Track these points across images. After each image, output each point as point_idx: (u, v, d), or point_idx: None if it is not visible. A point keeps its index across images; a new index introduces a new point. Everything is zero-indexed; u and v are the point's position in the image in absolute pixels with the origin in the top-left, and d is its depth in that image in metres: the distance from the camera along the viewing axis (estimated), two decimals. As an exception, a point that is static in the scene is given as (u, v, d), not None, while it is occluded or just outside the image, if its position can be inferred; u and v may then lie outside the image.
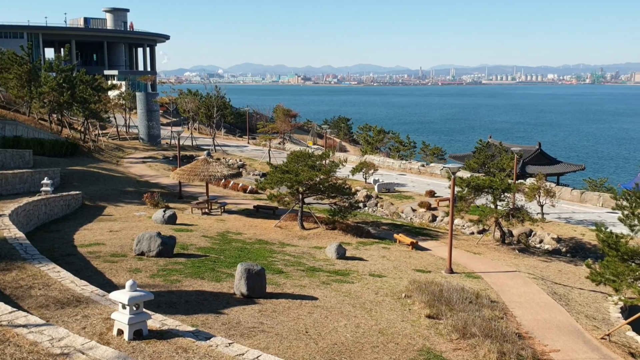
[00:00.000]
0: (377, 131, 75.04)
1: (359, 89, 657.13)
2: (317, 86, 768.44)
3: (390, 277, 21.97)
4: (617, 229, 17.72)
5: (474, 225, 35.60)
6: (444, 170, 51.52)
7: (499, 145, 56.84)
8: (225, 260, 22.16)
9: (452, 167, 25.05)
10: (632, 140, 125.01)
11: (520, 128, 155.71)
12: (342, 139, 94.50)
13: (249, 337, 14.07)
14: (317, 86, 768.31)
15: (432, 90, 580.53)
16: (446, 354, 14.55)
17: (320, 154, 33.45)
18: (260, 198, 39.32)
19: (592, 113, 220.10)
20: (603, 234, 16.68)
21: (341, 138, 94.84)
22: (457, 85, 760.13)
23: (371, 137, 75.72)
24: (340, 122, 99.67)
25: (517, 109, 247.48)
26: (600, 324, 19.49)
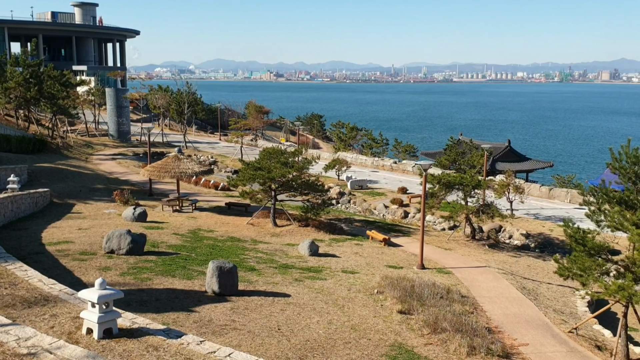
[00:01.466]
0: (350, 128, 75.21)
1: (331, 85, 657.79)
2: (290, 83, 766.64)
3: (362, 274, 22.07)
4: (584, 225, 18.06)
5: (445, 221, 35.97)
6: (416, 167, 51.93)
7: (469, 142, 57.53)
8: (196, 258, 21.99)
9: (423, 164, 25.26)
10: (600, 137, 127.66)
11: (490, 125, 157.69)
12: (315, 135, 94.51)
13: (220, 334, 13.99)
14: (289, 83, 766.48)
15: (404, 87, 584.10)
16: (417, 349, 14.67)
17: (293, 150, 33.38)
18: (232, 195, 39.10)
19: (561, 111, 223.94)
20: (570, 229, 16.96)
21: (314, 135, 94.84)
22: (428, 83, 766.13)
23: (344, 134, 75.86)
24: (313, 119, 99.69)
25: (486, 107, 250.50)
26: (568, 318, 19.88)
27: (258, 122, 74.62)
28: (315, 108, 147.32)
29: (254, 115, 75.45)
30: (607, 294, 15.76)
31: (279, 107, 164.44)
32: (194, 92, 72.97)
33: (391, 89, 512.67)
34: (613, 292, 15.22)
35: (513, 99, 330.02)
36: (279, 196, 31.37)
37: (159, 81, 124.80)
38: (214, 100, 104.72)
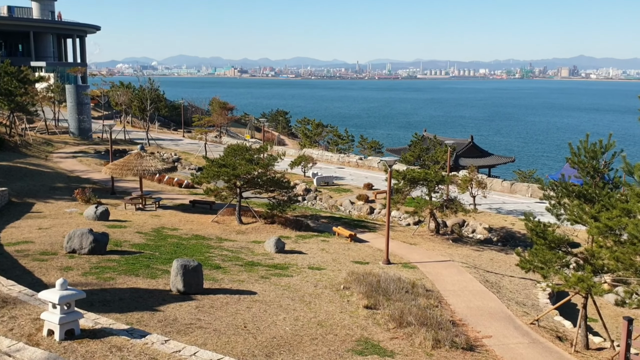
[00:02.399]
0: (315, 125, 75.28)
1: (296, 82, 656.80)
2: (255, 79, 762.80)
3: (329, 270, 22.12)
4: (544, 218, 18.45)
5: (410, 216, 36.32)
6: (381, 164, 52.26)
7: (433, 138, 58.17)
8: (160, 256, 21.72)
9: (388, 161, 25.43)
10: (559, 133, 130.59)
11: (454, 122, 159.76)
12: (280, 132, 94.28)
13: (186, 333, 13.85)
14: (254, 79, 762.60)
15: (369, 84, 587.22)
16: (383, 343, 14.79)
17: (258, 147, 33.21)
18: (197, 193, 38.72)
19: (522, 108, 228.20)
20: (531, 223, 17.31)
21: (279, 131, 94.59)
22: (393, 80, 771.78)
23: (310, 130, 75.88)
24: (278, 116, 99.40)
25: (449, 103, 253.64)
26: (530, 310, 20.30)
27: (222, 118, 74.01)
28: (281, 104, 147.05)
29: (218, 111, 74.80)
30: (567, 285, 16.14)
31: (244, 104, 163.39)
32: (157, 89, 71.97)
33: (356, 86, 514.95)
34: (573, 283, 15.60)
35: (476, 95, 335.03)
36: (245, 193, 31.19)
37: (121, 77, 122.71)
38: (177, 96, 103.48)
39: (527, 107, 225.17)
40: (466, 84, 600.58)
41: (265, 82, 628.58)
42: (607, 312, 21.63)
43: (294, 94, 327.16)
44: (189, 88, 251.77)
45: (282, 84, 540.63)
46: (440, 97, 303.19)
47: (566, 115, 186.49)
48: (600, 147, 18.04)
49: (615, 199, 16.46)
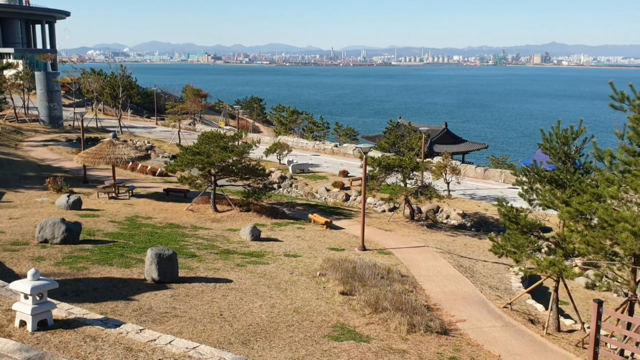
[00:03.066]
0: (290, 112, 75.00)
1: (271, 68, 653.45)
2: (228, 65, 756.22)
3: (305, 257, 22.16)
4: (517, 204, 18.70)
5: (385, 203, 36.51)
6: (357, 151, 52.32)
7: (408, 125, 58.47)
8: (134, 245, 21.51)
9: (363, 147, 25.48)
10: (532, 119, 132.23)
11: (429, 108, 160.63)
12: (255, 119, 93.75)
13: (161, 322, 13.77)
14: (228, 65, 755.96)
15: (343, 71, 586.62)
16: (359, 329, 14.90)
17: (232, 134, 32.98)
18: (171, 181, 38.39)
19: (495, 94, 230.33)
20: (504, 208, 17.54)
21: (254, 119, 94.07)
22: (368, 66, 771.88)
23: (285, 117, 75.60)
24: (253, 103, 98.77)
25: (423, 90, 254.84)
26: (503, 294, 20.62)
27: (196, 105, 73.35)
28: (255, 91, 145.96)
29: (192, 98, 74.08)
30: (539, 269, 16.42)
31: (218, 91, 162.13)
32: (129, 76, 70.98)
33: (331, 72, 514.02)
34: (545, 267, 15.87)
35: (450, 82, 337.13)
36: (219, 181, 31.01)
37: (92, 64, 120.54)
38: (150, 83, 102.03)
39: (500, 94, 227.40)
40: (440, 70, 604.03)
41: (239, 68, 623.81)
42: (578, 295, 22.10)
43: (269, 81, 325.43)
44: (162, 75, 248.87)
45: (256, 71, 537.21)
46: (415, 84, 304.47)
47: (539, 102, 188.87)
48: (571, 133, 18.32)
49: (585, 184, 16.75)
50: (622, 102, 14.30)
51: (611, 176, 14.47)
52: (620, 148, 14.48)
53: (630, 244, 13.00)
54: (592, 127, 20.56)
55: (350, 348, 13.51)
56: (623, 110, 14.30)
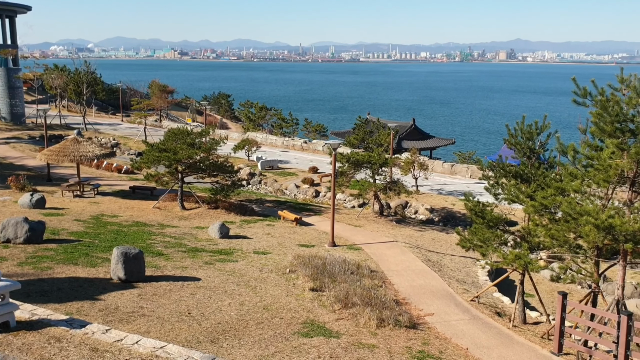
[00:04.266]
0: (259, 108, 74.60)
1: (239, 64, 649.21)
2: (195, 61, 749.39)
3: (274, 254, 22.09)
4: (483, 198, 18.94)
5: (354, 199, 36.66)
6: (326, 147, 52.45)
7: (376, 121, 58.72)
8: (100, 244, 21.15)
9: (333, 144, 25.48)
10: (498, 114, 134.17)
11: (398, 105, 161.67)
12: (223, 115, 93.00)
13: (128, 322, 13.56)
14: (195, 61, 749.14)
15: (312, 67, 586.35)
16: (329, 325, 14.92)
17: (199, 131, 32.65)
18: (137, 178, 37.85)
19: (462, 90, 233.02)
20: (471, 203, 17.74)
21: (222, 115, 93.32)
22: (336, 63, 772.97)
23: (253, 113, 75.18)
24: (220, 99, 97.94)
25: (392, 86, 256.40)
26: (470, 287, 20.89)
27: (162, 102, 72.48)
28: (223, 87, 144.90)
29: (158, 94, 73.15)
30: (505, 263, 16.66)
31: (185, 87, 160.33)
32: (94, 72, 69.69)
33: (299, 68, 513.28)
34: (510, 261, 16.11)
35: (417, 78, 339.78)
36: (187, 178, 30.68)
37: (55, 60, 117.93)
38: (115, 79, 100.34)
39: (467, 90, 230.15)
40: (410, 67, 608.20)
41: (207, 64, 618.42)
42: (543, 288, 22.53)
43: (237, 77, 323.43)
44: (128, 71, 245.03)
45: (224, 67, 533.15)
46: (383, 81, 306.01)
47: (504, 98, 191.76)
48: (535, 128, 18.60)
49: (550, 178, 17.04)
50: (584, 98, 14.57)
51: (574, 170, 14.75)
52: (583, 143, 14.77)
53: (593, 236, 13.28)
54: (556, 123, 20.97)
55: (320, 344, 13.51)
56: (585, 106, 14.57)
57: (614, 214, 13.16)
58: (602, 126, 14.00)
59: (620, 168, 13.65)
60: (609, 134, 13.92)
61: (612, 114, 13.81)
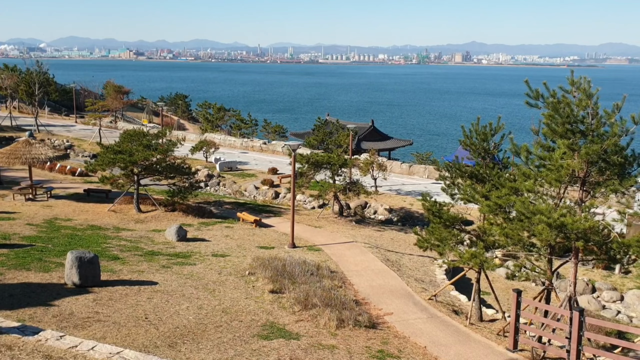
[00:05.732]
0: (217, 109, 73.94)
1: (196, 65, 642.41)
2: (152, 61, 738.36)
3: (233, 256, 21.93)
4: (440, 198, 19.22)
5: (314, 200, 36.70)
6: (285, 148, 52.37)
7: (336, 122, 58.96)
8: (53, 249, 20.60)
9: (292, 145, 25.46)
10: (455, 115, 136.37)
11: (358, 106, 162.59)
12: (180, 116, 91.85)
13: (83, 328, 13.24)
14: (151, 61, 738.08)
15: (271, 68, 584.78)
16: (289, 327, 14.89)
17: (156, 132, 32.16)
18: (92, 181, 37.04)
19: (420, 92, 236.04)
20: (428, 203, 17.99)
21: (179, 116, 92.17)
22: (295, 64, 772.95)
23: (211, 114, 74.47)
24: (177, 99, 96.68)
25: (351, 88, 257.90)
26: (428, 286, 21.18)
27: (117, 102, 71.18)
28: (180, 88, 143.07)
29: (113, 95, 71.81)
30: (461, 261, 16.96)
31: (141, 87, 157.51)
32: (46, 72, 67.86)
33: (259, 69, 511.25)
34: (467, 259, 16.40)
35: (377, 80, 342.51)
36: (143, 180, 30.18)
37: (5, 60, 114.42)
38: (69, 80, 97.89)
39: (425, 92, 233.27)
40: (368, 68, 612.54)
41: (163, 64, 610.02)
42: (498, 286, 23.00)
43: (194, 77, 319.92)
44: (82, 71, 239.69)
45: (181, 67, 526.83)
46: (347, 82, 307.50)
47: (461, 99, 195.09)
48: (490, 129, 18.97)
49: (504, 178, 17.41)
50: (537, 100, 14.94)
51: (527, 171, 15.11)
52: (536, 144, 15.14)
53: (546, 235, 13.63)
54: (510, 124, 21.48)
55: (279, 346, 13.48)
56: (538, 108, 14.95)
57: (566, 213, 13.54)
58: (553, 127, 14.38)
59: (571, 168, 14.05)
60: (560, 135, 14.31)
61: (563, 116, 14.21)
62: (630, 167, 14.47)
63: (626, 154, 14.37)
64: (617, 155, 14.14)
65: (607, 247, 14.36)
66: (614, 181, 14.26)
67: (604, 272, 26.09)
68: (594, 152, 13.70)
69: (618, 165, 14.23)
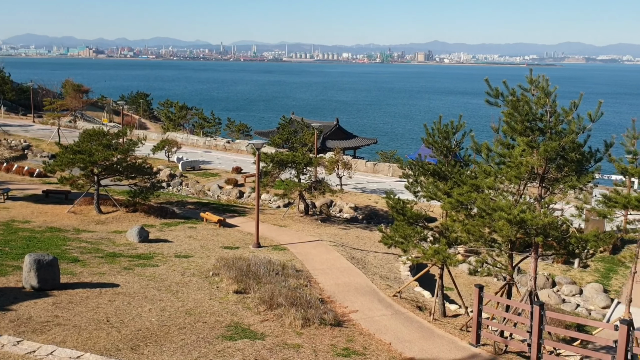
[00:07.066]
0: (179, 107, 73.03)
1: (158, 63, 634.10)
2: (112, 60, 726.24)
3: (197, 257, 21.69)
4: (404, 196, 19.39)
5: (279, 199, 36.60)
6: (250, 147, 52.05)
7: (300, 121, 58.91)
8: (11, 251, 20.05)
9: (256, 143, 25.32)
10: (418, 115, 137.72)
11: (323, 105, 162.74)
12: (141, 115, 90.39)
13: (42, 332, 12.91)
14: (111, 60, 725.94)
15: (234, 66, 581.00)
16: (254, 327, 14.81)
17: (116, 131, 31.59)
18: (50, 182, 36.19)
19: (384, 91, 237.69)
20: (392, 200, 18.11)
21: (140, 115, 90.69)
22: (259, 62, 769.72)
23: (173, 113, 73.51)
24: (139, 98, 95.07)
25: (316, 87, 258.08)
26: (393, 283, 21.33)
27: (77, 102, 69.72)
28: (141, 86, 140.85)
29: (72, 94, 70.28)
30: (425, 258, 17.13)
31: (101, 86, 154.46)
32: (1, 70, 66.05)
33: (220, 67, 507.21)
34: (430, 256, 16.58)
35: (341, 79, 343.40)
36: (103, 181, 29.62)
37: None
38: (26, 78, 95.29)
39: (389, 91, 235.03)
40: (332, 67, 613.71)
41: (124, 63, 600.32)
42: (461, 281, 23.33)
43: (156, 76, 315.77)
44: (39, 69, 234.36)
45: (142, 65, 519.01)
46: (311, 81, 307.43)
47: (424, 98, 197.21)
48: (451, 128, 19.23)
49: (465, 175, 17.67)
50: (497, 98, 15.19)
51: (488, 168, 15.35)
52: (496, 141, 15.40)
53: (507, 231, 13.87)
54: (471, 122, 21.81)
55: (244, 347, 13.38)
56: (498, 106, 15.20)
57: (526, 209, 13.80)
58: (513, 125, 14.63)
59: (530, 165, 14.33)
60: (519, 132, 14.57)
61: (523, 114, 14.46)
62: (587, 164, 14.83)
63: (583, 151, 14.73)
64: (574, 152, 14.47)
65: (566, 242, 14.69)
66: (572, 177, 14.60)
67: (564, 266, 26.72)
68: (553, 149, 13.99)
69: (576, 162, 14.57)
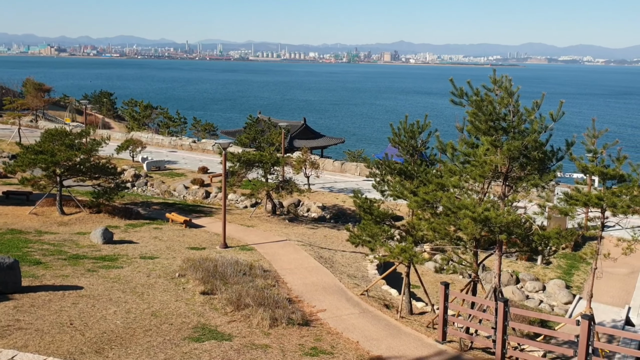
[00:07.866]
0: (143, 106, 72.06)
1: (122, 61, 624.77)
2: (74, 58, 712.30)
3: (163, 258, 21.43)
4: (371, 195, 19.49)
5: (247, 199, 36.42)
6: (216, 146, 51.64)
7: (268, 120, 58.73)
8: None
9: (223, 143, 25.13)
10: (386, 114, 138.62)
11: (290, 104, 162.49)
12: (105, 114, 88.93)
13: (2, 336, 12.60)
14: (74, 58, 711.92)
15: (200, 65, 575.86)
16: (221, 328, 14.70)
17: (79, 131, 30.99)
18: (11, 183, 35.30)
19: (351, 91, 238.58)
20: (359, 200, 18.19)
21: (104, 114, 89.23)
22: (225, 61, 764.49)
23: (137, 112, 72.52)
24: (102, 97, 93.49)
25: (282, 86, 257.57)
26: (360, 282, 21.43)
27: (38, 101, 68.26)
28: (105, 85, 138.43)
29: (33, 93, 68.77)
30: (392, 256, 17.25)
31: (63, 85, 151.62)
32: (-42, 68, 64.14)
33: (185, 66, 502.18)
34: (397, 254, 16.71)
35: (308, 78, 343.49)
36: (66, 182, 29.02)
37: None
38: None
39: (355, 90, 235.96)
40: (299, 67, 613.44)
41: (87, 61, 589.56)
42: (428, 279, 23.58)
43: (120, 75, 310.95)
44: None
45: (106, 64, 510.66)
46: (278, 80, 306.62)
47: (391, 98, 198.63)
48: (417, 127, 19.40)
49: (431, 174, 17.85)
50: (461, 98, 15.38)
51: (453, 167, 15.54)
52: (461, 141, 15.60)
53: (471, 229, 14.06)
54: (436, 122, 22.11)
55: (211, 348, 13.27)
56: (462, 105, 15.39)
57: (490, 207, 14.01)
58: (477, 125, 14.84)
59: (494, 164, 14.56)
60: (483, 132, 14.79)
61: (486, 113, 14.69)
62: (549, 162, 15.14)
63: (546, 150, 15.03)
64: (537, 151, 14.76)
65: (529, 239, 14.97)
66: (534, 176, 14.89)
67: (527, 263, 27.24)
68: (516, 148, 14.24)
69: (538, 161, 14.86)
